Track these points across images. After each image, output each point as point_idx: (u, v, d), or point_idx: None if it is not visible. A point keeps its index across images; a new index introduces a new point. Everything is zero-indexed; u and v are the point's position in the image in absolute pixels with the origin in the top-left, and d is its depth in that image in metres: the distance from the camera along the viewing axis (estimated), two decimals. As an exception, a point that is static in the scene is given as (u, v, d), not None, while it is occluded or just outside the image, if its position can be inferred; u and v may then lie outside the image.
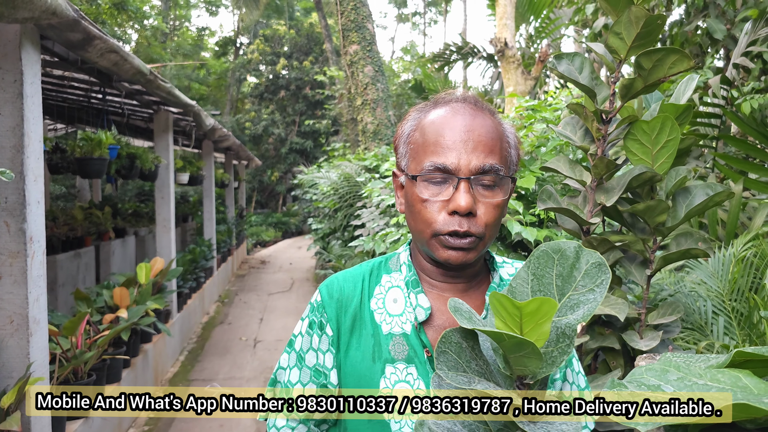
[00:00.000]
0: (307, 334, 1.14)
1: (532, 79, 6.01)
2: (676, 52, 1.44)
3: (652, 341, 1.64)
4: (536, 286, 0.78)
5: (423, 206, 1.04)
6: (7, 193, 2.84)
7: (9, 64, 2.83)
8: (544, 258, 0.78)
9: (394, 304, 1.12)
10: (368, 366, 1.07)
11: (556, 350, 0.75)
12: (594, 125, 1.63)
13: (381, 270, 1.17)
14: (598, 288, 0.76)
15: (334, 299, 1.13)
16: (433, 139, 1.05)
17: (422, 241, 1.07)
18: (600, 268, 0.77)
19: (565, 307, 0.76)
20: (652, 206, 1.60)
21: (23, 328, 2.91)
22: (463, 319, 0.74)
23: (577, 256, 0.78)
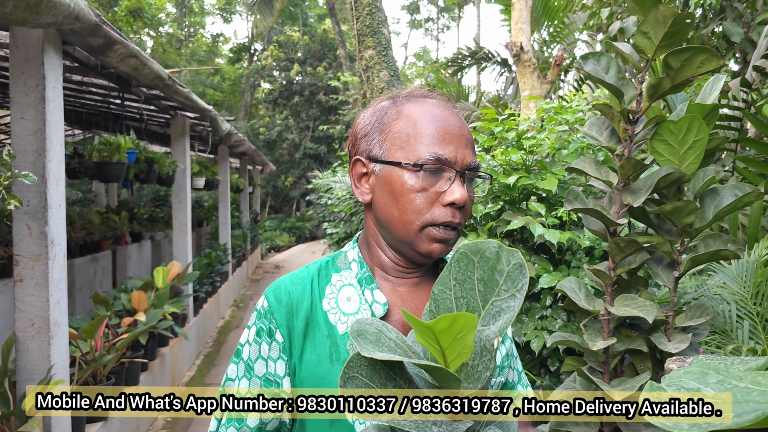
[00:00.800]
0: (255, 343, 1.08)
1: (548, 83, 5.98)
2: (704, 51, 1.43)
3: (680, 344, 1.61)
4: (459, 292, 0.73)
5: (416, 196, 1.03)
6: (29, 196, 2.87)
7: (32, 69, 2.87)
8: (464, 261, 0.73)
9: (348, 302, 1.09)
10: (326, 368, 1.04)
11: (481, 365, 0.71)
12: (621, 125, 1.61)
13: (329, 269, 1.14)
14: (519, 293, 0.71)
15: (283, 303, 1.08)
16: (430, 129, 1.05)
17: (407, 231, 1.04)
18: (521, 270, 0.71)
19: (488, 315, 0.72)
20: (680, 207, 1.58)
21: (44, 330, 2.93)
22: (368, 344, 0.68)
23: (497, 257, 0.72)
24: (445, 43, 41.52)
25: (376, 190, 1.09)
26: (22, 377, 2.92)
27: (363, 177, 1.12)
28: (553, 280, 2.19)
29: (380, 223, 1.10)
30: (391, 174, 1.06)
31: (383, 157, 1.08)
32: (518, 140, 2.64)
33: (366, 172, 1.11)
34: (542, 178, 2.39)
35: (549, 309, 2.37)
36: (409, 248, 1.07)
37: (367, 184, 1.11)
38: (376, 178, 1.09)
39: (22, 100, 2.85)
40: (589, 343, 1.66)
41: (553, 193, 2.51)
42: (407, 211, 1.04)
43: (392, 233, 1.07)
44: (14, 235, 2.88)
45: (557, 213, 2.32)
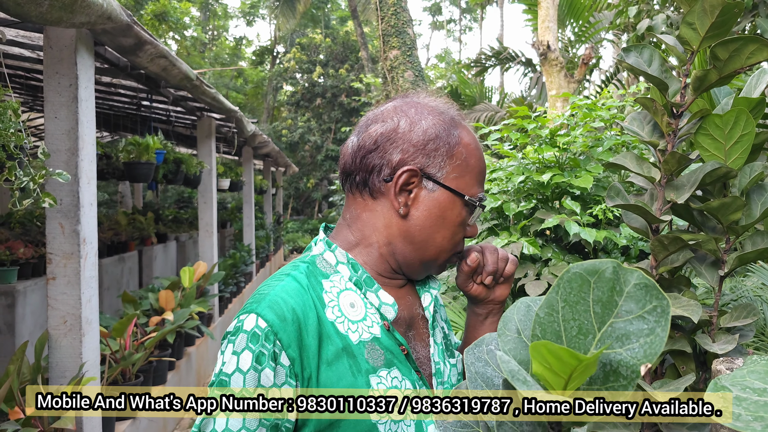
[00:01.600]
0: (252, 370, 0.90)
1: (576, 82, 5.91)
2: (755, 40, 1.38)
3: (727, 345, 1.56)
4: (568, 314, 0.67)
5: (460, 228, 1.08)
6: (62, 195, 2.90)
7: (65, 69, 2.90)
8: (577, 281, 0.66)
9: (352, 309, 1.01)
10: (349, 383, 0.94)
11: (605, 389, 0.67)
12: (664, 119, 1.57)
13: (317, 276, 1.03)
14: (650, 315, 0.65)
15: (289, 321, 0.93)
16: (481, 167, 1.12)
17: (439, 257, 1.08)
18: (648, 290, 0.65)
19: (609, 337, 0.66)
20: (727, 203, 1.53)
21: (76, 328, 2.96)
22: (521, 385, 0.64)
23: (616, 276, 0.66)
24: (467, 44, 41.40)
25: (421, 207, 1.04)
26: (55, 374, 2.95)
27: (406, 186, 1.04)
28: (588, 280, 2.15)
29: (411, 239, 1.04)
30: (446, 199, 1.05)
31: (442, 180, 1.04)
32: (551, 137, 2.60)
33: (413, 183, 1.03)
34: (576, 175, 2.35)
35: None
36: (425, 269, 1.10)
37: (408, 197, 1.04)
38: (426, 196, 1.04)
39: (55, 99, 2.89)
40: (631, 343, 1.62)
41: (588, 190, 2.46)
42: (449, 241, 1.07)
43: (423, 253, 1.06)
44: (47, 234, 2.92)
45: (592, 211, 2.28)
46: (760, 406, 0.72)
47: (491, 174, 2.80)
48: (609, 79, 9.81)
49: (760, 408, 0.72)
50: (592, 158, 2.49)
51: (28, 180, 2.38)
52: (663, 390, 1.61)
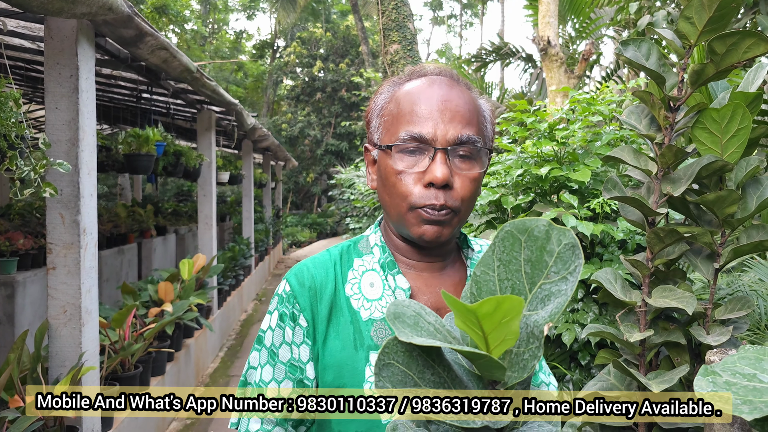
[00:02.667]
0: (278, 328, 1.04)
1: (576, 77, 5.92)
2: (752, 35, 1.40)
3: (721, 337, 1.58)
4: (503, 273, 0.67)
5: (398, 178, 1.00)
6: (63, 185, 2.91)
7: (66, 60, 2.90)
8: (509, 240, 0.67)
9: (371, 288, 1.05)
10: (350, 354, 1.00)
11: (527, 352, 0.66)
12: (661, 113, 1.58)
13: (352, 253, 1.11)
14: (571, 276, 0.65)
15: (306, 287, 1.04)
16: (408, 108, 1.01)
17: (398, 215, 1.02)
18: (573, 250, 0.65)
19: (536, 299, 0.67)
20: (723, 197, 1.55)
21: (76, 318, 2.97)
22: (406, 328, 0.63)
23: (547, 236, 0.66)
24: (468, 39, 41.31)
25: (377, 176, 1.08)
26: (55, 363, 2.97)
27: (371, 164, 1.11)
28: (585, 273, 2.16)
29: (384, 210, 1.08)
30: (381, 159, 1.05)
31: (378, 142, 1.07)
32: (550, 131, 2.61)
33: (373, 159, 1.10)
34: (574, 169, 2.36)
35: (580, 302, 2.34)
36: (405, 233, 1.04)
37: (374, 172, 1.10)
38: (377, 164, 1.08)
39: (56, 90, 2.89)
40: (626, 335, 1.64)
41: (585, 184, 2.48)
42: (393, 195, 1.02)
43: (389, 217, 1.06)
44: (47, 224, 2.93)
45: (590, 205, 2.29)
46: (749, 391, 0.74)
47: (490, 167, 2.82)
48: (609, 76, 9.82)
49: (749, 392, 0.73)
50: (591, 152, 2.51)
51: (29, 170, 2.39)
52: (657, 381, 1.62)
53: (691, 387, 1.81)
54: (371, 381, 0.99)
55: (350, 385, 0.99)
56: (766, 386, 0.74)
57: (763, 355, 0.83)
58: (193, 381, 5.56)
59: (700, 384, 0.74)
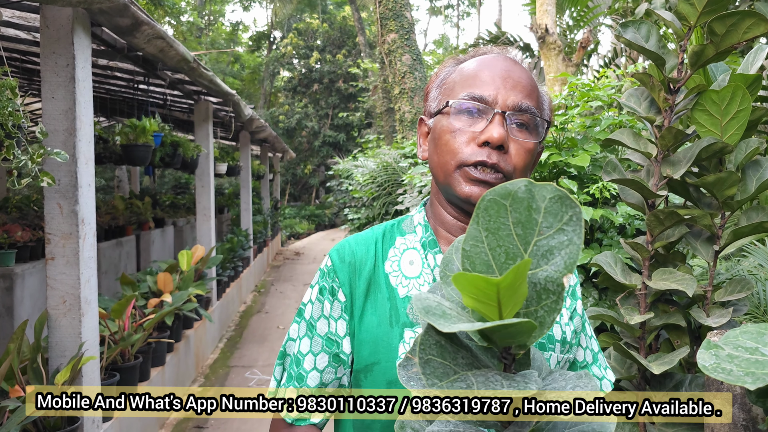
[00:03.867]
0: (317, 301, 1.06)
1: (573, 65, 5.90)
2: (752, 15, 1.39)
3: (721, 318, 1.58)
4: (493, 242, 0.66)
5: (452, 136, 1.00)
6: (60, 175, 2.90)
7: (62, 49, 2.89)
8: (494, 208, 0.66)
9: (410, 266, 1.06)
10: (385, 331, 1.02)
11: (541, 309, 0.66)
12: (661, 95, 1.58)
13: (394, 232, 1.12)
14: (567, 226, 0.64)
15: (346, 263, 1.06)
16: (471, 74, 1.02)
17: (446, 175, 1.01)
18: (562, 201, 0.64)
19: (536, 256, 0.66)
20: (723, 178, 1.54)
21: (75, 308, 2.97)
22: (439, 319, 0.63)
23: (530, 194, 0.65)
24: (465, 29, 41.07)
25: (429, 144, 1.09)
26: (54, 354, 2.97)
27: (424, 135, 1.12)
28: (585, 257, 2.16)
29: (434, 175, 1.08)
30: (437, 123, 1.05)
31: (434, 109, 1.07)
32: (549, 117, 2.60)
33: (427, 131, 1.10)
34: (573, 155, 2.36)
35: (581, 287, 2.34)
36: (452, 195, 1.02)
37: (426, 143, 1.11)
38: (431, 131, 1.08)
39: (52, 79, 2.88)
40: (626, 317, 1.64)
41: (585, 170, 2.47)
42: (443, 153, 1.01)
43: (437, 180, 1.05)
44: (46, 214, 2.92)
45: (589, 190, 2.29)
46: (752, 363, 0.74)
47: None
48: (607, 64, 9.79)
49: (751, 365, 0.73)
50: (590, 138, 2.50)
51: (26, 159, 2.38)
52: (657, 363, 1.63)
53: (692, 369, 1.82)
54: None
55: (384, 361, 1.00)
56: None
57: (765, 330, 0.83)
58: (193, 372, 5.57)
59: (703, 357, 0.74)
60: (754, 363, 0.73)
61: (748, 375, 0.70)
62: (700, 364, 0.75)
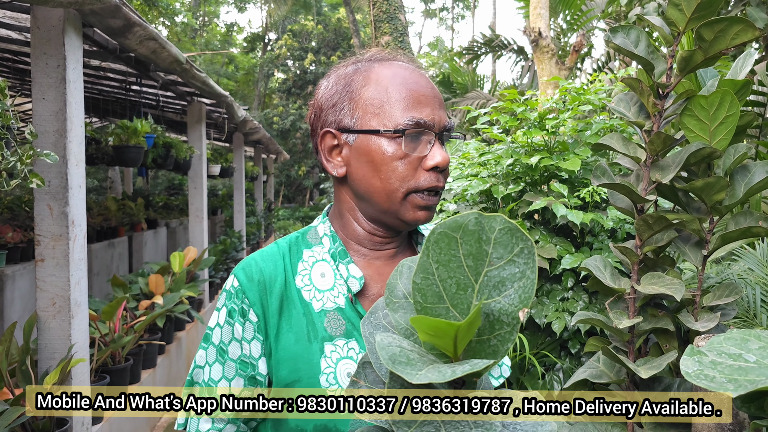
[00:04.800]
0: (227, 324, 1.01)
1: (567, 69, 5.92)
2: (740, 21, 1.39)
3: (709, 323, 1.59)
4: (444, 274, 0.67)
5: (399, 163, 0.99)
6: (50, 176, 2.89)
7: (53, 50, 2.87)
8: (444, 240, 0.66)
9: (321, 279, 1.04)
10: (304, 347, 0.99)
11: (494, 338, 0.66)
12: (650, 100, 1.58)
13: (300, 245, 1.09)
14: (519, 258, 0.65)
15: (255, 281, 1.02)
16: (404, 93, 1.01)
17: (391, 200, 1.00)
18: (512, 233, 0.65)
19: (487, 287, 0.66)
20: (711, 183, 1.55)
21: (65, 310, 2.95)
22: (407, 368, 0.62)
23: (480, 226, 0.65)
24: (460, 32, 41.21)
25: (352, 162, 1.04)
26: (44, 356, 2.95)
27: (334, 150, 1.06)
28: (575, 261, 2.17)
29: (359, 195, 1.05)
30: (368, 143, 1.01)
31: (357, 126, 1.03)
32: (540, 121, 2.61)
33: (337, 144, 1.06)
34: (564, 158, 2.36)
35: (570, 291, 2.34)
36: (394, 218, 1.02)
37: (340, 157, 1.06)
38: (350, 149, 1.04)
39: (43, 80, 2.86)
40: (615, 322, 1.64)
41: (576, 173, 2.48)
42: (390, 180, 1.00)
43: (375, 204, 1.03)
44: (35, 216, 2.90)
45: (580, 194, 2.30)
46: (735, 370, 0.74)
47: (480, 157, 2.82)
48: (600, 68, 9.83)
49: (734, 371, 0.74)
50: (581, 142, 2.51)
51: (15, 160, 2.37)
52: (646, 367, 1.63)
53: (680, 373, 1.83)
54: (327, 373, 0.98)
55: (306, 379, 0.98)
56: (751, 365, 0.74)
57: (749, 336, 0.84)
58: (185, 374, 5.55)
59: (686, 363, 0.74)
60: (737, 370, 0.73)
61: (731, 382, 0.70)
62: (683, 370, 0.74)
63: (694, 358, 0.78)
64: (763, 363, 0.77)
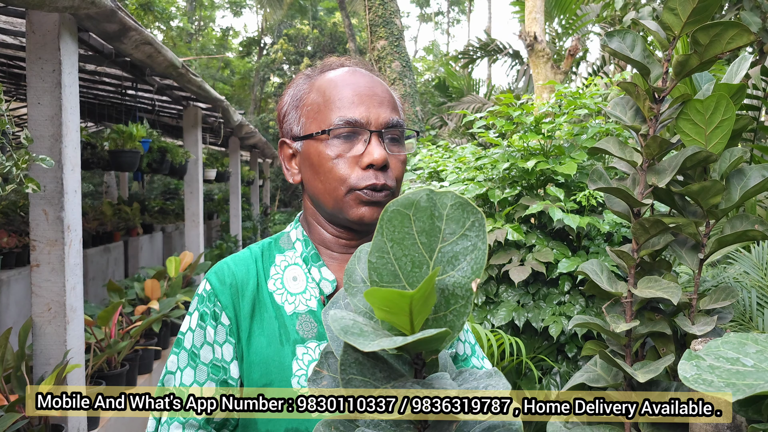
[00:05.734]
0: (199, 328, 1.01)
1: (562, 73, 5.94)
2: (735, 26, 1.40)
3: (705, 326, 1.59)
4: (399, 252, 0.67)
5: (334, 164, 1.00)
6: (46, 181, 2.88)
7: (48, 54, 2.87)
8: (398, 218, 0.66)
9: (294, 282, 1.05)
10: (276, 350, 1.00)
11: (450, 314, 0.67)
12: (646, 104, 1.59)
13: (273, 250, 1.10)
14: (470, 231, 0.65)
15: (227, 285, 1.03)
16: (338, 95, 1.02)
17: (334, 200, 1.02)
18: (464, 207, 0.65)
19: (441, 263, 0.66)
20: (707, 187, 1.56)
21: (60, 315, 2.94)
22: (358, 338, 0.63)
23: (432, 202, 0.65)
24: (455, 36, 41.36)
25: (302, 168, 1.07)
26: (39, 361, 2.93)
27: (292, 158, 1.10)
28: (572, 265, 2.17)
29: (312, 199, 1.07)
30: (309, 148, 1.04)
31: (301, 133, 1.06)
32: (536, 125, 2.61)
33: (293, 153, 1.09)
34: (560, 162, 2.37)
35: (567, 294, 2.35)
36: (343, 218, 1.03)
37: (295, 165, 1.09)
38: (300, 156, 1.07)
39: (38, 85, 2.86)
40: (612, 325, 1.64)
41: (572, 177, 2.48)
42: (329, 180, 1.01)
43: (323, 206, 1.05)
44: (31, 221, 2.89)
45: (576, 198, 2.30)
46: (732, 374, 0.74)
47: (476, 161, 2.82)
48: (596, 72, 9.86)
49: (732, 375, 0.74)
50: (577, 146, 2.51)
51: (11, 165, 2.36)
52: (643, 371, 1.63)
53: (677, 377, 1.83)
54: (299, 375, 0.99)
55: (277, 381, 0.98)
56: (749, 369, 0.74)
57: (746, 340, 0.84)
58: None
59: (684, 368, 0.74)
60: (735, 374, 0.73)
61: (729, 386, 0.70)
62: (681, 375, 0.75)
63: (692, 363, 0.79)
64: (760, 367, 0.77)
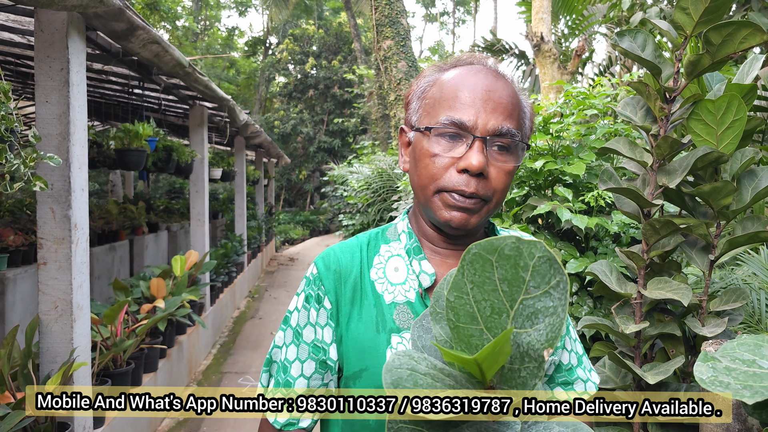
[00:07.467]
0: (303, 309, 1.08)
1: (569, 73, 5.92)
2: (748, 25, 1.39)
3: (716, 328, 1.58)
4: (478, 295, 0.65)
5: (431, 161, 1.00)
6: (53, 179, 2.88)
7: (56, 53, 2.87)
8: (479, 262, 0.64)
9: (395, 273, 1.08)
10: (372, 337, 1.03)
11: (524, 370, 0.66)
12: (657, 104, 1.58)
13: (379, 240, 1.13)
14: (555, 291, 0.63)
15: (332, 271, 1.08)
16: (452, 94, 1.01)
17: (424, 198, 1.03)
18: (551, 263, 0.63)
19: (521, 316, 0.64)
20: (718, 188, 1.54)
21: (67, 313, 2.95)
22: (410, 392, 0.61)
23: (518, 252, 0.63)
24: (461, 37, 41.34)
25: (410, 158, 1.09)
26: (46, 359, 2.94)
27: (405, 146, 1.12)
28: (580, 266, 2.16)
29: (414, 192, 1.09)
30: (417, 141, 1.05)
31: (416, 124, 1.07)
32: (544, 125, 2.60)
33: (408, 141, 1.11)
34: (569, 163, 2.36)
35: (575, 296, 2.34)
36: (432, 216, 1.04)
37: (407, 154, 1.11)
38: (411, 145, 1.09)
39: (46, 83, 2.86)
40: (621, 327, 1.63)
41: (580, 178, 2.47)
42: (423, 176, 1.02)
43: (419, 200, 1.07)
44: (38, 219, 2.90)
45: (584, 198, 2.29)
46: (749, 376, 0.73)
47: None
48: (602, 72, 9.83)
49: (749, 377, 0.73)
50: (585, 146, 2.50)
51: (18, 163, 2.36)
52: (652, 373, 1.62)
53: (687, 379, 1.82)
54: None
55: (372, 367, 1.01)
56: (766, 371, 0.73)
57: (762, 342, 0.83)
58: (186, 378, 5.54)
59: (700, 370, 0.73)
60: (752, 376, 0.72)
61: (746, 388, 0.70)
62: (697, 376, 0.74)
63: (708, 364, 0.78)
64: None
